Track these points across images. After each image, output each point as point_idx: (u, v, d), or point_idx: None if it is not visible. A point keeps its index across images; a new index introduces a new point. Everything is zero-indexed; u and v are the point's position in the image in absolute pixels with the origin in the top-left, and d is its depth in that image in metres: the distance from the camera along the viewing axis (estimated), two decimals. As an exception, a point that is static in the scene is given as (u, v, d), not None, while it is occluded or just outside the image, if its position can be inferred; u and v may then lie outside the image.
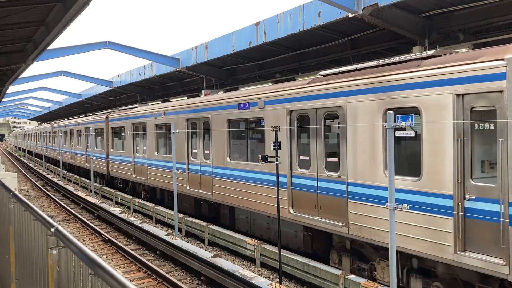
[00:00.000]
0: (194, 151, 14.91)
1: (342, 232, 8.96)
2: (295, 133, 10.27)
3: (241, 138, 12.88)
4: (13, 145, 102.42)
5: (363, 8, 9.76)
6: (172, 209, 14.24)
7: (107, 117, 23.64)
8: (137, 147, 19.61)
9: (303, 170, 10.07)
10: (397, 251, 7.14)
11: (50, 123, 50.31)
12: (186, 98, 20.23)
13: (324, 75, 9.79)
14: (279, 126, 10.14)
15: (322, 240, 10.06)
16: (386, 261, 7.97)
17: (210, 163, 13.60)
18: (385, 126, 6.79)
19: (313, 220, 9.67)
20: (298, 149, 10.28)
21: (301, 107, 10.03)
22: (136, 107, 19.99)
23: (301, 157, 10.20)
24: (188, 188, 14.95)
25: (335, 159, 9.38)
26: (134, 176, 19.87)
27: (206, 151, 14.15)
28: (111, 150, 23.31)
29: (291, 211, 10.27)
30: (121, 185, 22.92)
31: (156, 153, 17.58)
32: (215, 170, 13.38)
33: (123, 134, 21.23)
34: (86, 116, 33.00)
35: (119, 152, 21.91)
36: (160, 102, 21.34)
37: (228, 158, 12.98)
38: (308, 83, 9.95)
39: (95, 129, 25.44)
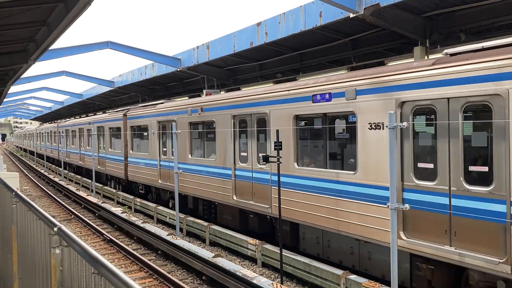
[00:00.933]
0: (243, 154, 12.47)
1: (269, 213, 11.40)
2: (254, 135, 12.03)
3: (316, 138, 10.69)
4: (15, 146, 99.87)
5: (365, 8, 9.77)
6: (210, 223, 13.57)
7: (125, 115, 21.30)
8: (164, 149, 17.02)
9: (243, 164, 12.50)
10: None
11: (54, 122, 50.31)
12: (187, 98, 20.10)
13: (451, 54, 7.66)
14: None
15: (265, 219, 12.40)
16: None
17: (268, 169, 11.16)
18: (387, 126, 6.80)
19: (249, 204, 12.11)
20: (255, 147, 12.16)
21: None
22: (162, 102, 18.00)
23: (242, 153, 12.62)
24: (234, 198, 12.60)
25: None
26: (160, 182, 17.33)
27: (260, 155, 11.44)
28: (130, 151, 20.81)
29: (234, 198, 12.73)
30: (142, 191, 20.36)
31: (190, 156, 15.13)
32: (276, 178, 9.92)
33: (146, 133, 18.89)
34: (96, 114, 31.52)
35: (141, 154, 19.46)
36: (187, 98, 19.86)
37: (295, 164, 10.44)
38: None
39: (110, 128, 23.28)
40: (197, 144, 15.36)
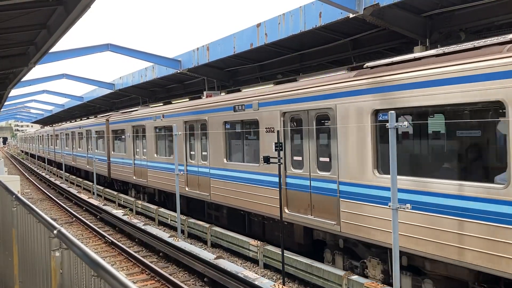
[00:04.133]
0: (192, 153, 15.20)
1: (208, 199, 13.92)
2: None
3: (238, 139, 12.95)
4: (20, 150, 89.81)
5: (364, 8, 9.75)
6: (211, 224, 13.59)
7: (107, 120, 23.73)
8: (137, 149, 19.74)
9: (192, 161, 15.03)
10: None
11: (51, 125, 50.27)
12: (187, 99, 20.01)
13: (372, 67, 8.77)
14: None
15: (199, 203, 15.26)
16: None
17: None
18: (387, 126, 6.79)
19: (196, 193, 14.71)
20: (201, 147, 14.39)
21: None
22: (136, 110, 20.65)
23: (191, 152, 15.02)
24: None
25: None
26: (134, 178, 20.05)
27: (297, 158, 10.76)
28: (112, 152, 23.55)
29: (186, 189, 15.18)
30: (120, 188, 23.14)
31: (155, 155, 17.65)
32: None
33: (123, 136, 21.67)
34: (88, 118, 32.57)
35: (120, 154, 22.16)
36: (187, 99, 18.98)
37: (225, 160, 12.73)
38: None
39: (96, 131, 25.23)
40: (162, 145, 17.98)
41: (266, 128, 11.15)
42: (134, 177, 20.04)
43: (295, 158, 10.41)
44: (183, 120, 15.29)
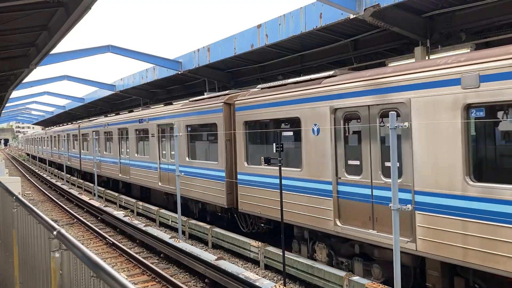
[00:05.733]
0: (168, 152, 16.95)
1: (161, 189, 17.26)
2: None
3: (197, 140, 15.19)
4: (25, 153, 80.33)
5: (365, 9, 9.75)
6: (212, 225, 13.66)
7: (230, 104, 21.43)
8: (122, 149, 22.35)
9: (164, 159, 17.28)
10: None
11: (50, 127, 50.34)
12: (188, 100, 20.07)
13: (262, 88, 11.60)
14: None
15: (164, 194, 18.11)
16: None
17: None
18: (388, 127, 6.77)
19: (164, 187, 16.96)
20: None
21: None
22: (106, 116, 24.56)
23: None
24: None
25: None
26: (119, 175, 22.73)
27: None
28: (98, 153, 25.76)
29: (159, 184, 17.43)
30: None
31: (136, 155, 19.38)
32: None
33: (90, 138, 25.47)
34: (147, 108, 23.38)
35: (107, 154, 24.55)
36: (188, 100, 19.25)
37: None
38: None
39: (74, 135, 27.95)
40: (141, 147, 19.81)
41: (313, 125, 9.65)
42: (119, 174, 22.65)
43: (351, 162, 9.04)
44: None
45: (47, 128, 52.32)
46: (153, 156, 17.98)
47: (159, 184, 17.52)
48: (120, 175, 22.25)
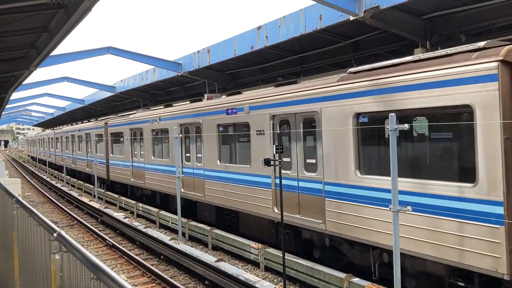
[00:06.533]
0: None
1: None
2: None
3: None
4: (28, 155, 74.50)
5: (364, 11, 9.76)
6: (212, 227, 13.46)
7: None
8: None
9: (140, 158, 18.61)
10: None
11: (52, 128, 49.78)
12: (189, 102, 19.92)
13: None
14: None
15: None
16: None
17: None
18: (388, 129, 6.78)
19: (86, 169, 21.22)
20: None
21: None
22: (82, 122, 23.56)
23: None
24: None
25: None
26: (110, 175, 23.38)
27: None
28: (89, 153, 25.93)
29: (132, 180, 18.57)
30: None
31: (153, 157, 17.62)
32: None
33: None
34: (169, 106, 22.07)
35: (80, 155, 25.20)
36: (189, 102, 20.05)
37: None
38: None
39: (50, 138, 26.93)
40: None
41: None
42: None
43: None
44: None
45: (55, 128, 48.06)
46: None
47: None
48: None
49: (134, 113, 20.60)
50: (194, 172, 14.91)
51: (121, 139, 22.10)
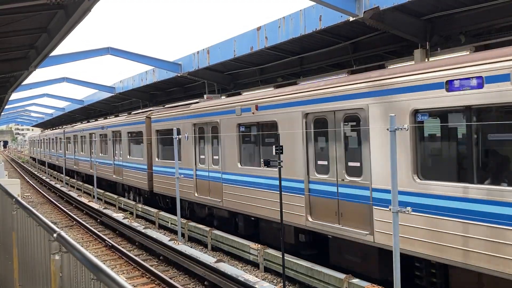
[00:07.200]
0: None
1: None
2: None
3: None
4: (30, 157, 68.48)
5: (364, 12, 9.77)
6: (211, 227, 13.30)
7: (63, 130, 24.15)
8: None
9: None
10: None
11: (52, 128, 49.40)
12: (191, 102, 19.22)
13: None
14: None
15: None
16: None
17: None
18: (388, 129, 6.78)
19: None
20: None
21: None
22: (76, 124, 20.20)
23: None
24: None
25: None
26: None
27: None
28: (80, 152, 25.79)
29: (196, 195, 14.94)
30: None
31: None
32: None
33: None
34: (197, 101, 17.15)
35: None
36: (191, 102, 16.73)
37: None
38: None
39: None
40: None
41: None
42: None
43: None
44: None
45: (64, 126, 41.74)
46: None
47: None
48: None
49: (196, 102, 15.39)
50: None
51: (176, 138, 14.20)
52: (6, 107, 33.04)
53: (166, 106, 17.61)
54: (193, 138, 14.80)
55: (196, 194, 14.68)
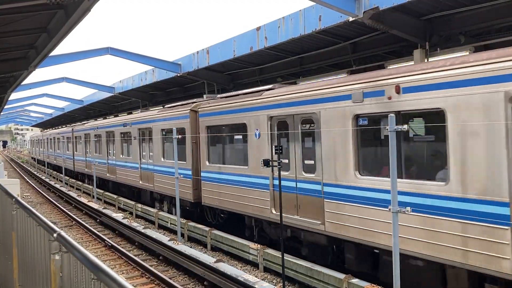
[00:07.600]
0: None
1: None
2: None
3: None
4: (32, 158, 64.35)
5: (364, 12, 9.77)
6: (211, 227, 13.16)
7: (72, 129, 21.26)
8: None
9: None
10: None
11: (52, 128, 49.33)
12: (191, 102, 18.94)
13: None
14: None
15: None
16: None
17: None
18: (387, 129, 6.79)
19: (139, 183, 18.75)
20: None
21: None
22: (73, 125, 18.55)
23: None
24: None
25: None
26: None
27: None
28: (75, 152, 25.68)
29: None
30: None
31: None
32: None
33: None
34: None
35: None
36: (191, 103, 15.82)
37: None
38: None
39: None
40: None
41: None
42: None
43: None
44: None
45: (74, 124, 37.75)
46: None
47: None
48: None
49: (270, 89, 11.84)
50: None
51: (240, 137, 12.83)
52: (6, 107, 33.03)
53: (219, 96, 14.52)
54: (268, 136, 11.31)
55: (273, 211, 11.19)
